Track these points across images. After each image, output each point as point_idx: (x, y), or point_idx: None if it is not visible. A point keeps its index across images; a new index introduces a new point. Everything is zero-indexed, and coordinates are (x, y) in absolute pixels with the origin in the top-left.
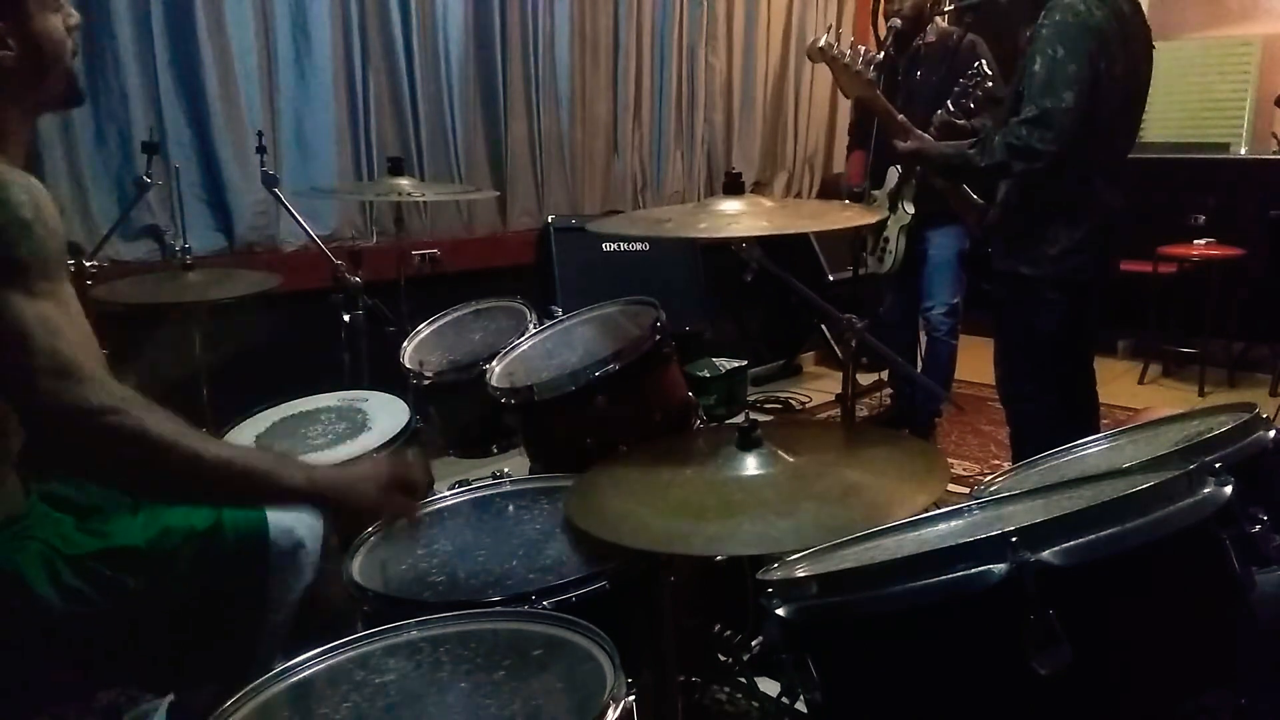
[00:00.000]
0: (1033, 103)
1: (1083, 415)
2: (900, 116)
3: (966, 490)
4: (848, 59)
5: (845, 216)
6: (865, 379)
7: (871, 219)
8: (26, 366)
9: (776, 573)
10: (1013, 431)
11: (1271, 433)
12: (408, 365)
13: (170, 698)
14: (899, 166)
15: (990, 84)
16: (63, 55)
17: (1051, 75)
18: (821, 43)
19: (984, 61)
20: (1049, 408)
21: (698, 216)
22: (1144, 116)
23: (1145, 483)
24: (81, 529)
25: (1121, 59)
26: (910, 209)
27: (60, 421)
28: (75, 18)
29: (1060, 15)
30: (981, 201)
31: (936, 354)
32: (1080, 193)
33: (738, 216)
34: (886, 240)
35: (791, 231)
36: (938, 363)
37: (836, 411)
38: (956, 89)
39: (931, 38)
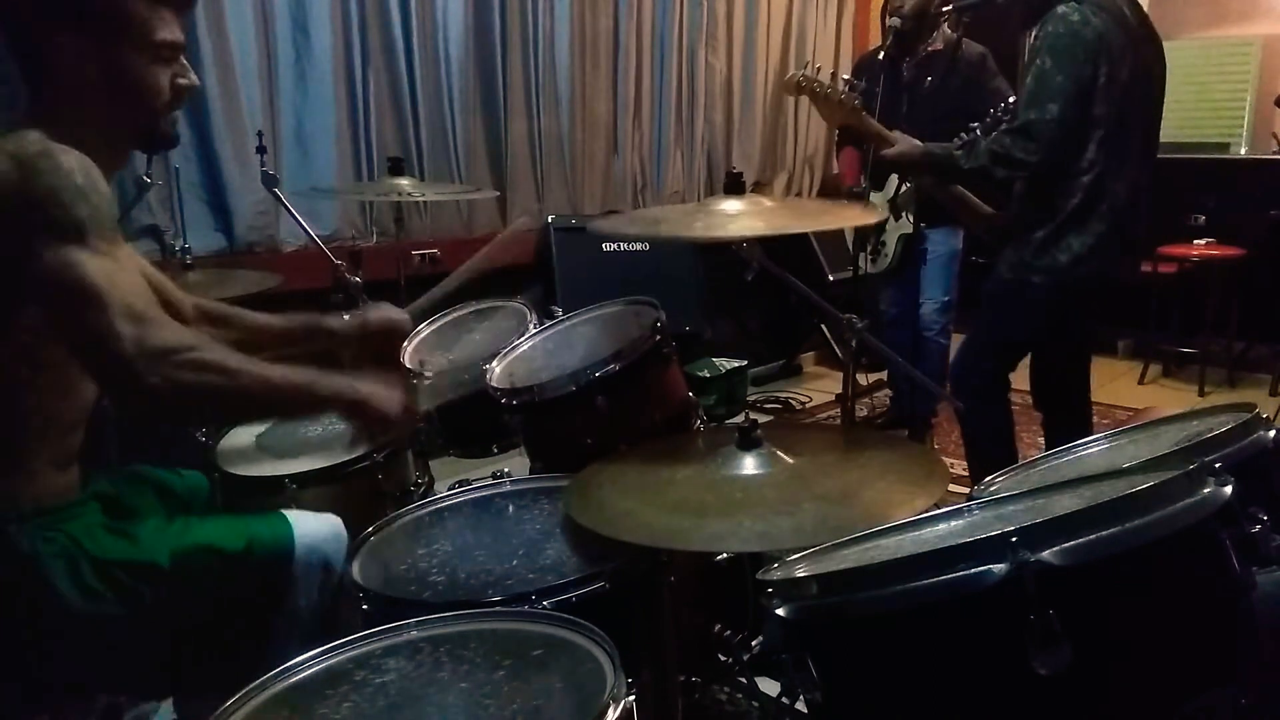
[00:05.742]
0: (1020, 113)
1: (1076, 420)
2: (895, 134)
3: (966, 490)
4: (828, 90)
5: (845, 216)
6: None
7: (872, 219)
8: (104, 318)
9: (776, 573)
10: (964, 431)
11: (1271, 433)
12: (408, 365)
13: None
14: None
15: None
16: (150, 103)
17: (1038, 87)
18: (798, 77)
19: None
20: (1000, 409)
21: (697, 216)
22: None
23: (1145, 483)
24: (111, 529)
25: (1127, 63)
26: (912, 218)
27: (145, 365)
28: (189, 80)
29: (1053, 26)
30: (988, 210)
31: (928, 353)
32: (1091, 199)
33: (738, 216)
34: (884, 243)
35: (791, 231)
36: (929, 361)
37: (836, 411)
38: (988, 119)
39: (939, 45)
